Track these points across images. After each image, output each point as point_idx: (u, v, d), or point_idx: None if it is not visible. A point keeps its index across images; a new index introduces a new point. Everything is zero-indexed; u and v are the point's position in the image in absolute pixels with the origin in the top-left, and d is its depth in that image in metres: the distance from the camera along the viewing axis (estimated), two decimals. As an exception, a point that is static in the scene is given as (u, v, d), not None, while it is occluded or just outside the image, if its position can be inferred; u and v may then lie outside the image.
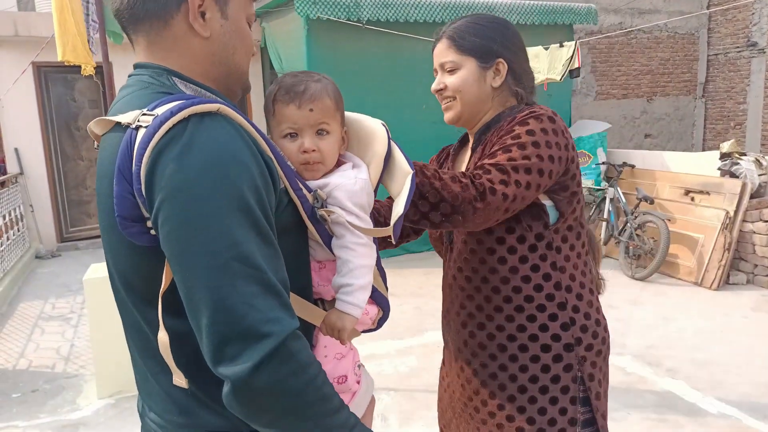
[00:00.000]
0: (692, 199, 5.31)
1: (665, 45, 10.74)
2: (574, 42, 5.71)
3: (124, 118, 0.79)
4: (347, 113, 1.08)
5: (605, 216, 5.82)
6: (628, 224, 5.40)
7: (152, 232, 0.78)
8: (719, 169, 5.25)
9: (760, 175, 5.11)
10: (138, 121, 0.77)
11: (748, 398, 3.08)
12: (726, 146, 5.30)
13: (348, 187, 0.98)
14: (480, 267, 1.31)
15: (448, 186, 1.16)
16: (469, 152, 1.41)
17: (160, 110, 0.77)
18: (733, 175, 5.11)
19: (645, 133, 10.83)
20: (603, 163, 6.10)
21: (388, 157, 1.05)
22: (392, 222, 1.02)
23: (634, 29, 8.55)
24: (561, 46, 5.71)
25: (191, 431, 0.87)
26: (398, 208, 1.02)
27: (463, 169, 1.40)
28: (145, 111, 0.78)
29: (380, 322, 1.09)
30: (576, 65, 5.66)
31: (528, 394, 1.29)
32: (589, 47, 9.98)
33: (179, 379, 0.82)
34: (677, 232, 5.24)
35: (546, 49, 5.76)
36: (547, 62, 5.76)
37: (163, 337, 0.80)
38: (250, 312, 0.73)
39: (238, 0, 0.91)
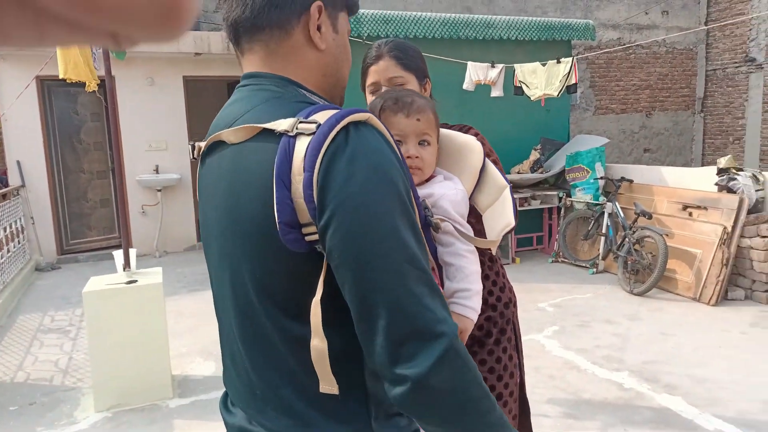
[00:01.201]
0: (690, 214, 5.33)
1: (664, 60, 10.82)
2: (571, 58, 5.77)
3: (279, 125, 0.80)
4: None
5: (603, 231, 5.84)
6: (627, 239, 5.41)
7: (307, 239, 0.79)
8: (716, 184, 5.27)
9: (757, 190, 5.13)
10: (296, 128, 0.79)
11: (746, 415, 3.08)
12: (723, 161, 5.33)
13: (451, 197, 1.04)
14: None
15: None
16: None
17: (319, 118, 0.79)
18: (730, 191, 5.14)
19: (644, 148, 10.87)
20: (601, 177, 6.13)
21: (482, 171, 1.12)
22: (500, 234, 1.09)
23: (632, 45, 8.62)
24: (558, 62, 5.76)
25: None
26: (505, 220, 1.09)
27: None
28: (301, 119, 0.79)
29: None
30: (573, 81, 5.71)
31: (486, 348, 1.60)
32: (588, 62, 10.06)
33: (329, 386, 0.81)
34: (675, 247, 5.26)
35: (543, 65, 5.82)
36: (544, 78, 5.81)
37: (319, 344, 0.80)
38: (424, 313, 0.76)
39: (343, 16, 0.96)
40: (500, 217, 1.10)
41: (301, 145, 0.78)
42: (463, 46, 6.18)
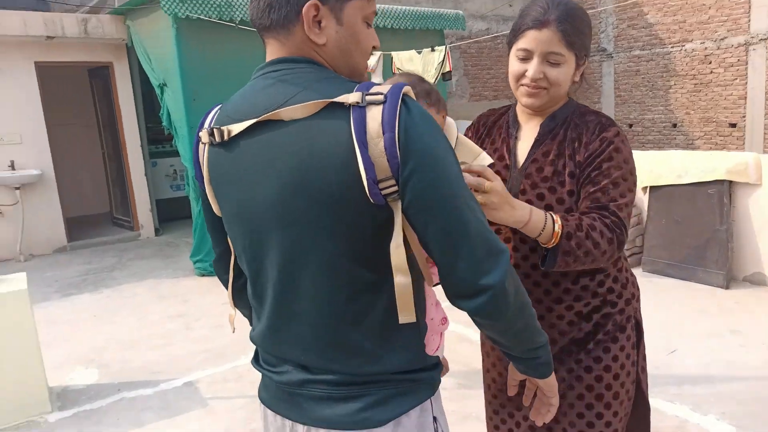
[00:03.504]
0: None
1: (528, 49, 11.58)
2: (444, 46, 6.01)
3: (348, 99, 0.89)
4: None
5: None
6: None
7: (383, 192, 0.90)
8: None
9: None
10: (365, 100, 0.89)
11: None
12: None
13: None
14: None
15: (599, 245, 1.25)
16: (528, 136, 1.46)
17: (383, 90, 0.90)
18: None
19: (514, 132, 11.60)
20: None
21: (457, 141, 1.31)
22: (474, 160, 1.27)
23: (500, 34, 9.16)
24: (432, 50, 5.99)
25: (379, 377, 1.00)
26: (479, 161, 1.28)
27: (523, 152, 1.44)
28: (365, 92, 0.90)
29: None
30: (447, 69, 5.96)
31: (586, 347, 1.41)
32: (461, 51, 10.53)
33: (408, 316, 0.95)
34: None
35: (419, 53, 6.02)
36: (420, 66, 6.01)
37: (403, 279, 0.93)
38: (490, 235, 0.94)
39: (353, 4, 0.99)
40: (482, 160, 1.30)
41: (374, 113, 0.89)
42: (341, 33, 6.21)
